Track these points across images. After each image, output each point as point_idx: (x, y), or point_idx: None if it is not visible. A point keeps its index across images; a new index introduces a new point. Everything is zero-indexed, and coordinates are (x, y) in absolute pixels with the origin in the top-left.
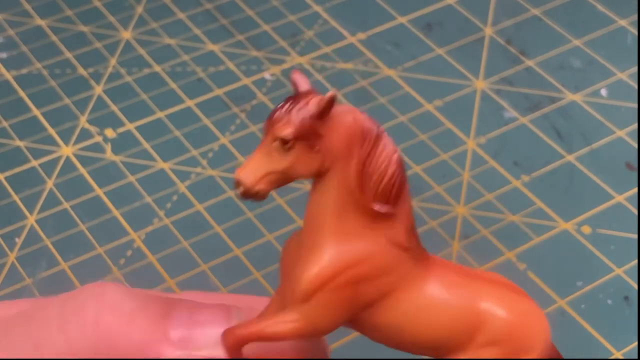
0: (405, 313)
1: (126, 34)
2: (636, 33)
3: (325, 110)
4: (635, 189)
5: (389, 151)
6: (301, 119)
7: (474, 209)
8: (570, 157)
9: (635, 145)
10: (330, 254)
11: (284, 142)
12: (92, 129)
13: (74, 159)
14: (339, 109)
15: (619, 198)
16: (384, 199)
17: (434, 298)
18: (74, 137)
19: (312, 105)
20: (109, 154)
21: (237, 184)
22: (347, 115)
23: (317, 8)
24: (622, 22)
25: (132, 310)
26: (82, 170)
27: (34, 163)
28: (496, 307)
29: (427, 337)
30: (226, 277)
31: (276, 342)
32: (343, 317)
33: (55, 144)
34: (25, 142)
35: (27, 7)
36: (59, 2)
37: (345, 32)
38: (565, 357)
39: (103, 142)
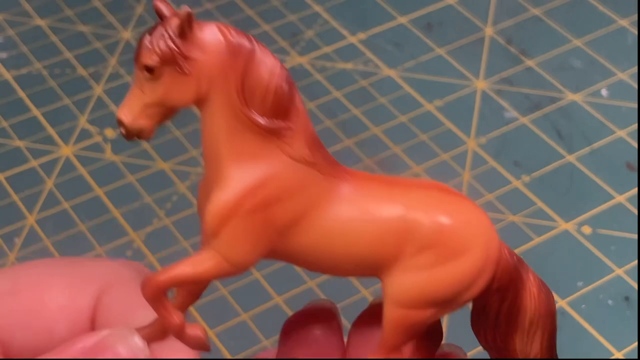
0: (321, 234)
1: (126, 34)
2: (636, 33)
3: (185, 29)
4: (636, 189)
5: (269, 64)
6: (163, 43)
7: None
8: (571, 157)
9: (636, 145)
10: (232, 180)
11: (150, 70)
12: (92, 129)
13: (73, 159)
14: (204, 27)
15: (619, 198)
16: (272, 113)
17: (350, 214)
18: (73, 137)
19: (171, 27)
20: (108, 154)
21: (118, 123)
22: (214, 31)
23: (317, 8)
24: (622, 22)
25: None
26: (82, 170)
27: (34, 163)
28: (423, 211)
29: (348, 256)
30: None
31: None
32: (258, 247)
33: (55, 144)
34: (25, 142)
35: (27, 7)
36: (59, 2)
37: (345, 32)
38: (565, 357)
39: (103, 142)
